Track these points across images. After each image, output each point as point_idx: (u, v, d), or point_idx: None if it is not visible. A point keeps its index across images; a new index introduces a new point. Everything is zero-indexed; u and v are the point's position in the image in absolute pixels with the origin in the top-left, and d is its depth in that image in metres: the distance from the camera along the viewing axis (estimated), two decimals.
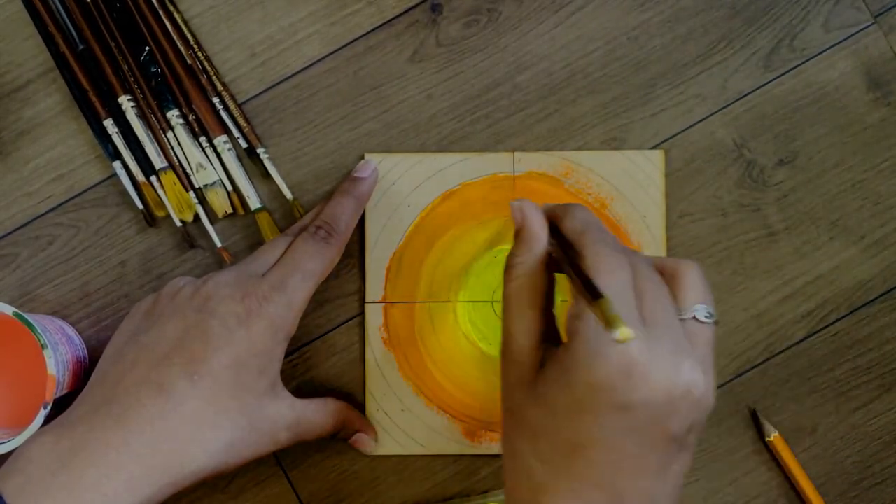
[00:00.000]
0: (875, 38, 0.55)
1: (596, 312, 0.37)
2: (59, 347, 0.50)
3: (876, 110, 0.55)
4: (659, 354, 0.38)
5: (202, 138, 0.55)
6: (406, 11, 0.55)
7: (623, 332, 0.35)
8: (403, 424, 0.54)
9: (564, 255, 0.43)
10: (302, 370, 0.55)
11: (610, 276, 0.40)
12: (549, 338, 0.43)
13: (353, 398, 0.54)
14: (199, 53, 0.54)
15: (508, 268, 0.44)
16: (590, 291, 0.38)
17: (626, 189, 0.54)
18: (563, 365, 0.40)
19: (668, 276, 0.42)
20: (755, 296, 0.54)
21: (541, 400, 0.41)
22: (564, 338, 0.41)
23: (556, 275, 0.45)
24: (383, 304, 0.54)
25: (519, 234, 0.45)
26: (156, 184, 0.54)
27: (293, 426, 0.49)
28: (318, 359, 0.55)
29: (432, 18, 0.55)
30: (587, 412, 0.39)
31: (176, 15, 0.54)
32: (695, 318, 0.41)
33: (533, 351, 0.42)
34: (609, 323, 0.36)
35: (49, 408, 0.48)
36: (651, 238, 0.54)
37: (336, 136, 0.55)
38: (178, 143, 0.54)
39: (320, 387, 0.54)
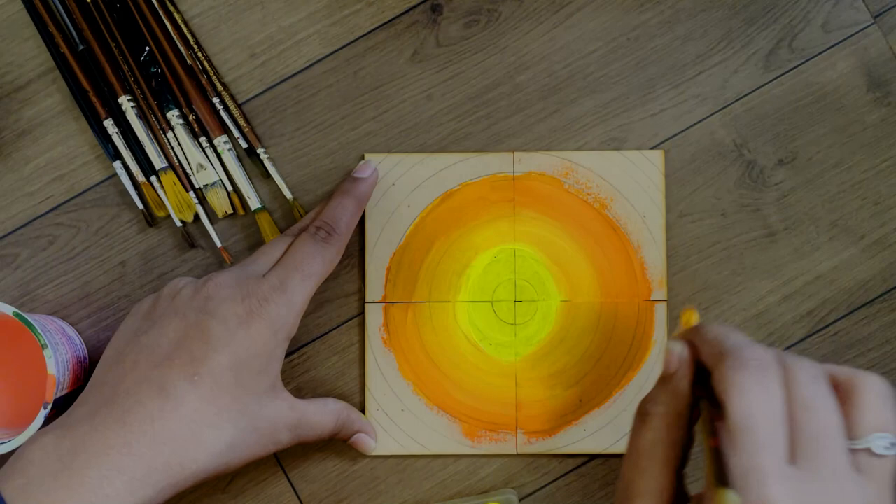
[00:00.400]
0: (875, 38, 0.55)
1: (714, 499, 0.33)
2: (59, 347, 0.50)
3: (876, 110, 0.55)
4: (811, 499, 0.33)
5: (202, 138, 0.55)
6: (406, 11, 0.55)
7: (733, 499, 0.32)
8: (403, 424, 0.54)
9: (705, 411, 0.38)
10: (302, 370, 0.55)
11: (748, 408, 0.35)
12: (678, 499, 0.39)
13: (353, 398, 0.54)
14: (199, 54, 0.54)
15: (643, 415, 0.40)
16: (718, 475, 0.34)
17: (625, 189, 0.54)
18: None
19: (842, 392, 0.37)
20: (755, 296, 0.54)
21: None
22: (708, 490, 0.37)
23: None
24: (383, 304, 0.54)
25: (665, 381, 0.41)
26: (156, 184, 0.54)
27: (293, 427, 0.49)
28: (318, 359, 0.55)
29: (432, 18, 0.55)
30: None
31: (176, 15, 0.54)
32: (870, 450, 0.35)
33: None
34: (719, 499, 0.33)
35: (49, 408, 0.48)
36: (651, 238, 0.54)
37: (336, 137, 0.55)
38: (179, 144, 0.54)
39: (320, 387, 0.54)
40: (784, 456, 0.34)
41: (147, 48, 0.54)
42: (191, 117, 0.54)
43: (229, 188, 0.55)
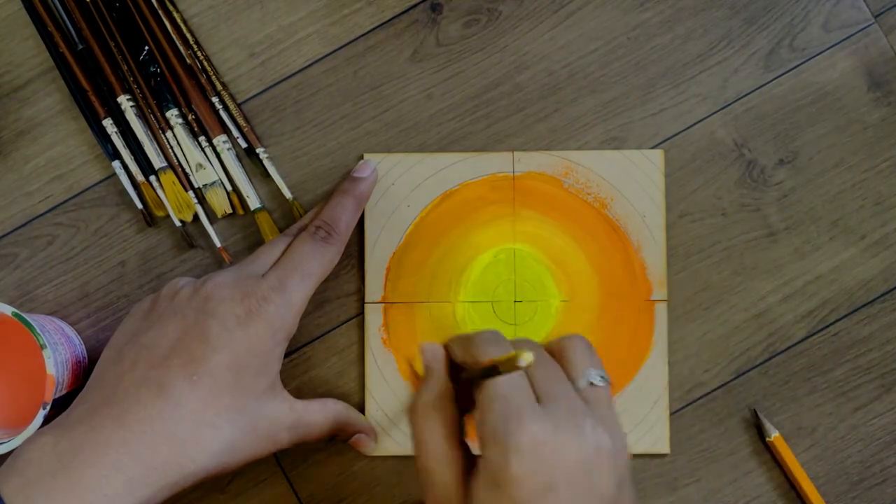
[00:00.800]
0: (875, 38, 0.55)
1: (502, 369, 0.40)
2: (58, 347, 0.50)
3: (876, 110, 0.55)
4: (560, 426, 0.40)
5: (202, 138, 0.55)
6: (406, 11, 0.55)
7: (524, 355, 0.38)
8: (403, 424, 0.54)
9: (459, 377, 0.45)
10: (302, 370, 0.55)
11: (485, 351, 0.43)
12: (466, 459, 0.44)
13: (353, 398, 0.54)
14: (199, 53, 0.54)
15: (414, 407, 0.44)
16: (490, 372, 0.41)
17: (625, 189, 0.54)
18: (485, 474, 0.40)
19: (556, 354, 0.44)
20: (755, 296, 0.54)
21: None
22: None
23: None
24: (383, 304, 0.54)
25: (425, 375, 0.46)
26: (155, 184, 0.54)
27: (293, 427, 0.49)
28: (318, 359, 0.55)
29: (432, 18, 0.55)
30: None
31: (175, 15, 0.54)
32: (590, 383, 0.43)
33: (459, 484, 0.42)
34: (509, 363, 0.39)
35: (48, 408, 0.48)
36: (651, 238, 0.54)
37: (336, 136, 0.55)
38: (178, 143, 0.54)
39: (320, 387, 0.54)
40: (532, 399, 0.41)
41: (146, 48, 0.54)
42: (190, 117, 0.54)
43: (228, 188, 0.55)
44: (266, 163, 0.54)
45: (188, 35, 0.54)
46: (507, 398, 0.41)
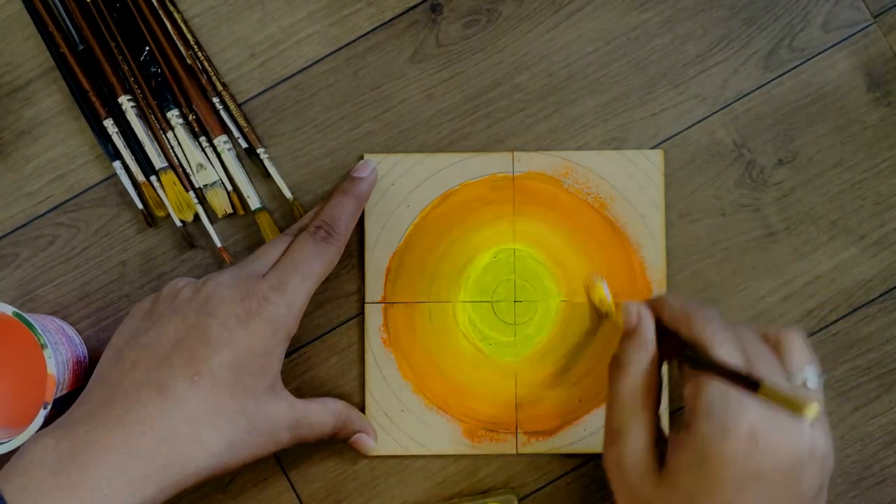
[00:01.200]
0: (875, 38, 0.55)
1: (767, 397, 0.39)
2: (59, 347, 0.50)
3: (876, 110, 0.55)
4: (781, 419, 0.40)
5: (202, 138, 0.55)
6: (406, 11, 0.55)
7: (811, 408, 0.37)
8: (403, 424, 0.54)
9: (687, 358, 0.44)
10: (302, 370, 0.55)
11: (722, 344, 0.42)
12: (659, 435, 0.45)
13: (353, 398, 0.54)
14: (199, 53, 0.54)
15: (620, 365, 0.45)
16: (744, 383, 0.40)
17: (625, 189, 0.54)
18: (692, 447, 0.41)
19: (772, 344, 0.44)
20: (755, 296, 0.54)
21: (675, 489, 0.42)
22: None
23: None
24: (383, 304, 0.54)
25: (631, 335, 0.46)
26: (156, 184, 0.55)
27: (293, 427, 0.49)
28: (318, 359, 0.55)
29: (432, 18, 0.55)
30: (725, 487, 0.40)
31: (176, 15, 0.54)
32: (804, 383, 0.43)
33: (651, 449, 0.44)
34: (790, 405, 0.37)
35: (49, 408, 0.48)
36: (651, 238, 0.54)
37: (336, 136, 0.55)
38: (178, 143, 0.54)
39: (320, 387, 0.54)
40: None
41: (147, 48, 0.54)
42: (191, 117, 0.54)
43: (229, 188, 0.55)
44: (266, 163, 0.54)
45: (189, 35, 0.54)
46: (732, 369, 0.41)
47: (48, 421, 0.48)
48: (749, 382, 0.39)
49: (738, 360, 0.42)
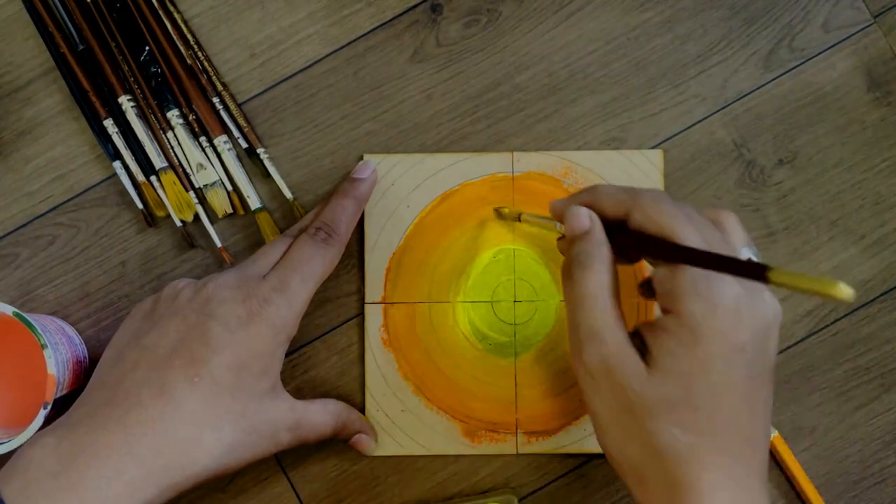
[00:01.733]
0: (875, 38, 0.55)
1: (782, 283, 0.36)
2: (59, 347, 0.50)
3: (876, 110, 0.55)
4: (750, 289, 0.41)
5: (202, 138, 0.55)
6: (406, 11, 0.55)
7: (844, 289, 0.33)
8: (403, 425, 0.54)
9: (668, 251, 0.42)
10: (302, 370, 0.55)
11: (684, 227, 0.42)
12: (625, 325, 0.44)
13: (353, 398, 0.54)
14: (199, 53, 0.54)
15: (582, 265, 0.44)
16: (752, 273, 0.37)
17: None
18: (681, 329, 0.41)
19: (713, 223, 0.44)
20: None
21: (668, 376, 0.41)
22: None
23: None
24: (383, 305, 0.54)
25: (585, 236, 0.45)
26: (156, 184, 0.55)
27: (294, 428, 0.49)
28: (318, 359, 0.55)
29: (432, 18, 0.55)
30: (715, 362, 0.40)
31: (176, 15, 0.54)
32: (749, 259, 0.43)
33: (630, 342, 0.43)
34: (818, 287, 0.33)
35: (49, 408, 0.48)
36: None
37: (336, 136, 0.55)
38: (178, 143, 0.54)
39: (320, 387, 0.55)
40: None
41: (147, 48, 0.54)
42: (191, 117, 0.54)
43: (229, 188, 0.55)
44: (266, 163, 0.54)
45: (189, 35, 0.54)
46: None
47: (48, 421, 0.48)
48: (752, 270, 0.37)
49: (701, 245, 0.42)
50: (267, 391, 0.48)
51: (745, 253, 0.44)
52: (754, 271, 0.37)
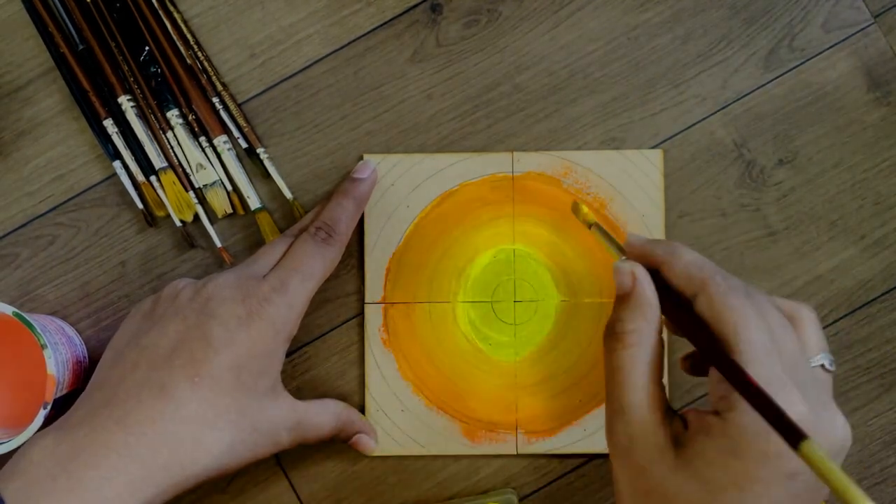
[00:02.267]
0: (875, 38, 0.55)
1: (807, 461, 0.34)
2: (59, 347, 0.50)
3: (876, 110, 0.55)
4: (818, 412, 0.37)
5: (202, 138, 0.55)
6: (406, 11, 0.55)
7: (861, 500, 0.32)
8: (403, 425, 0.54)
9: (697, 334, 0.40)
10: (302, 370, 0.55)
11: (750, 330, 0.38)
12: (670, 411, 0.41)
13: (353, 398, 0.54)
14: (199, 53, 0.54)
15: (617, 334, 0.41)
16: (787, 433, 0.34)
17: (625, 189, 0.54)
18: (725, 437, 0.38)
19: (787, 318, 0.41)
20: None
21: (695, 477, 0.38)
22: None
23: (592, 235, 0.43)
24: (383, 305, 0.54)
25: (627, 299, 0.42)
26: (156, 184, 0.55)
27: (294, 428, 0.49)
28: (318, 359, 0.55)
29: (432, 18, 0.55)
30: (756, 484, 0.37)
31: (176, 15, 0.54)
32: (823, 366, 0.40)
33: (662, 425, 0.40)
34: (849, 497, 0.32)
35: (49, 408, 0.48)
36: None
37: (336, 136, 0.55)
38: (178, 143, 0.54)
39: (320, 387, 0.55)
40: (783, 373, 0.38)
41: (147, 48, 0.54)
42: (190, 117, 0.54)
43: (229, 188, 0.55)
44: (266, 163, 0.54)
45: (189, 35, 0.54)
46: (763, 365, 0.37)
47: (48, 421, 0.48)
48: (792, 433, 0.34)
49: (766, 343, 0.38)
50: (267, 391, 0.48)
51: (819, 360, 0.40)
52: (790, 434, 0.34)
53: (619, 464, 0.42)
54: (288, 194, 0.54)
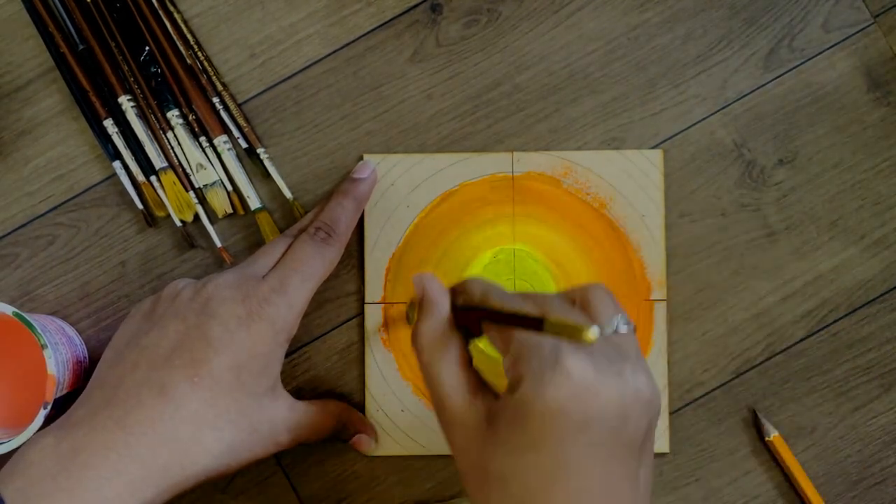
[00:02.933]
0: (875, 38, 0.55)
1: (553, 331, 0.39)
2: (59, 347, 0.50)
3: (876, 110, 0.55)
4: (599, 368, 0.40)
5: (202, 138, 0.55)
6: (406, 11, 0.55)
7: (591, 331, 0.38)
8: (403, 425, 0.54)
9: (481, 315, 0.44)
10: (302, 370, 0.55)
11: (506, 300, 0.42)
12: (482, 391, 0.44)
13: (353, 398, 0.54)
14: (199, 53, 0.54)
15: (416, 335, 0.45)
16: (529, 324, 0.40)
17: (625, 189, 0.54)
18: (515, 406, 0.40)
19: (579, 304, 0.44)
20: (755, 296, 0.54)
21: (501, 448, 0.41)
22: (501, 389, 0.43)
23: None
24: (383, 305, 0.54)
25: (421, 304, 0.45)
26: (156, 184, 0.55)
27: (293, 428, 0.49)
28: (318, 359, 0.55)
29: (432, 18, 0.55)
30: (550, 442, 0.39)
31: (176, 15, 0.54)
32: (616, 331, 0.42)
33: (472, 405, 0.43)
34: (573, 333, 0.38)
35: (49, 408, 0.48)
36: (650, 238, 0.54)
37: (336, 136, 0.55)
38: (178, 143, 0.54)
39: (320, 387, 0.55)
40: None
41: (147, 48, 0.54)
42: (191, 117, 0.54)
43: (229, 188, 0.55)
44: (266, 163, 0.55)
45: (189, 35, 0.54)
46: (539, 338, 0.41)
47: (48, 421, 0.48)
48: (534, 322, 0.40)
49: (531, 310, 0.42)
50: (267, 391, 0.48)
51: (612, 327, 0.42)
52: (532, 323, 0.40)
53: (451, 448, 0.44)
54: (288, 194, 0.54)
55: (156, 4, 0.54)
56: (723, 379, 0.54)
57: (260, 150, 0.54)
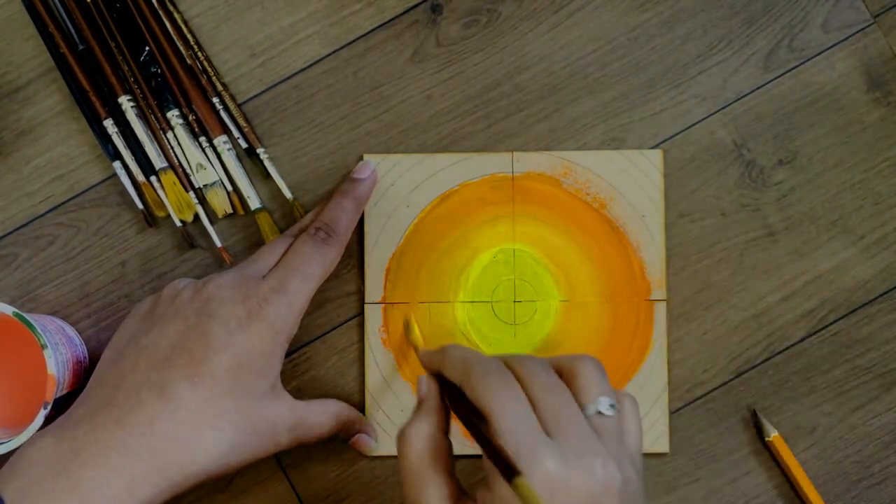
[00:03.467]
0: (875, 38, 0.55)
1: (518, 492, 0.38)
2: (59, 347, 0.50)
3: (876, 110, 0.55)
4: (572, 463, 0.39)
5: (202, 138, 0.55)
6: (406, 11, 0.55)
7: None
8: (403, 424, 0.54)
9: (466, 419, 0.43)
10: (302, 370, 0.55)
11: (501, 404, 0.41)
12: (462, 499, 0.43)
13: (353, 398, 0.54)
14: (199, 53, 0.54)
15: (407, 437, 0.43)
16: (504, 470, 0.39)
17: (625, 189, 0.54)
18: (493, 503, 0.40)
19: (566, 375, 0.43)
20: (755, 296, 0.54)
21: None
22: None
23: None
24: (383, 305, 0.54)
25: (417, 405, 0.45)
26: (156, 184, 0.55)
27: (293, 428, 0.49)
28: (318, 359, 0.55)
29: (432, 18, 0.55)
30: None
31: (176, 15, 0.54)
32: (599, 412, 0.42)
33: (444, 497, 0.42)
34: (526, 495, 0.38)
35: (49, 408, 0.48)
36: (650, 238, 0.54)
37: (336, 136, 0.55)
38: (178, 143, 0.54)
39: (320, 387, 0.55)
40: (541, 432, 0.40)
41: (147, 48, 0.54)
42: (191, 117, 0.55)
43: (229, 188, 0.55)
44: (266, 163, 0.55)
45: (189, 36, 0.54)
46: (514, 432, 0.40)
47: (48, 421, 0.48)
48: (509, 470, 0.39)
49: (517, 410, 0.41)
50: (267, 391, 0.48)
51: (594, 407, 0.42)
52: (507, 471, 0.39)
53: None
54: (288, 194, 0.54)
55: (156, 4, 0.54)
56: (723, 379, 0.54)
57: (260, 151, 0.54)
